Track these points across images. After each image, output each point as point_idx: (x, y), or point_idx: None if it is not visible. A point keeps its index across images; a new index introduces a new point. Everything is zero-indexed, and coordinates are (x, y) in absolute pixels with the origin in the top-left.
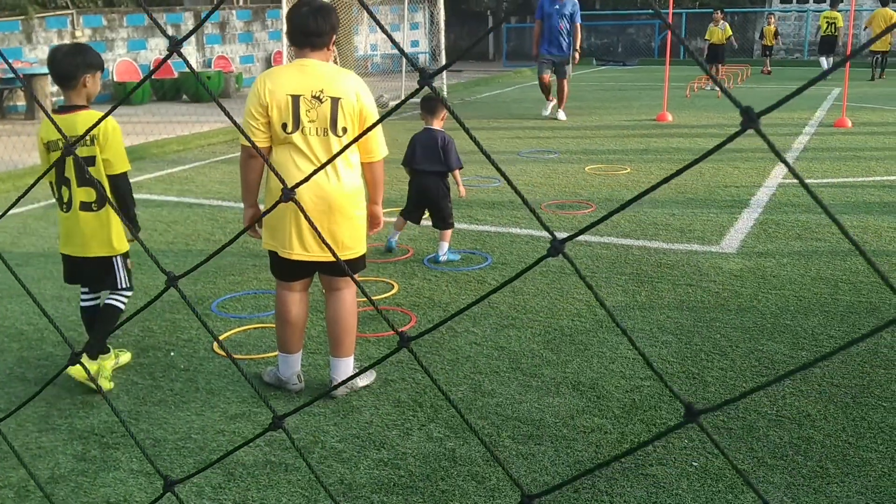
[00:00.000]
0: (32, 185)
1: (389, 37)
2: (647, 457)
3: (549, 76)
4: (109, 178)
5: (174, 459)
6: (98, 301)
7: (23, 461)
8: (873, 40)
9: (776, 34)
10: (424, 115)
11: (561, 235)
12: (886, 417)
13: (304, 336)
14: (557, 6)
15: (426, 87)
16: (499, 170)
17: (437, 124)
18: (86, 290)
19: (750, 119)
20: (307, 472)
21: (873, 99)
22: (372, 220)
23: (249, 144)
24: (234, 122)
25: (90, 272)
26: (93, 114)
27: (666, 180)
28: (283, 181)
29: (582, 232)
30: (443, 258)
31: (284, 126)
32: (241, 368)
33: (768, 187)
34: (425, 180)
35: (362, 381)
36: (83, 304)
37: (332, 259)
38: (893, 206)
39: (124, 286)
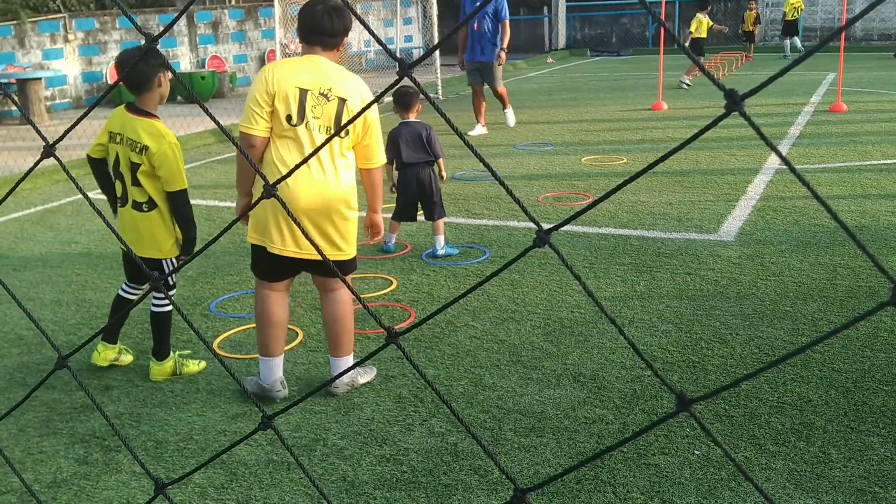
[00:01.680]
0: (25, 176)
1: (370, 30)
2: (648, 446)
3: (481, 87)
4: (167, 193)
5: (176, 460)
6: (134, 297)
7: (16, 470)
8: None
9: (756, 20)
10: (399, 110)
11: (548, 226)
12: (887, 401)
13: (285, 339)
14: (478, 4)
15: (404, 79)
16: (480, 159)
17: (412, 117)
18: (129, 283)
19: (734, 102)
20: (310, 470)
21: (869, 83)
22: (373, 230)
23: (249, 132)
24: (215, 120)
25: (139, 269)
26: (154, 125)
27: (651, 166)
28: (264, 178)
29: (567, 222)
30: (441, 252)
31: (289, 118)
32: (230, 369)
33: (765, 174)
34: (419, 172)
35: (363, 379)
36: (121, 292)
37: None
38: (891, 190)
39: (172, 283)
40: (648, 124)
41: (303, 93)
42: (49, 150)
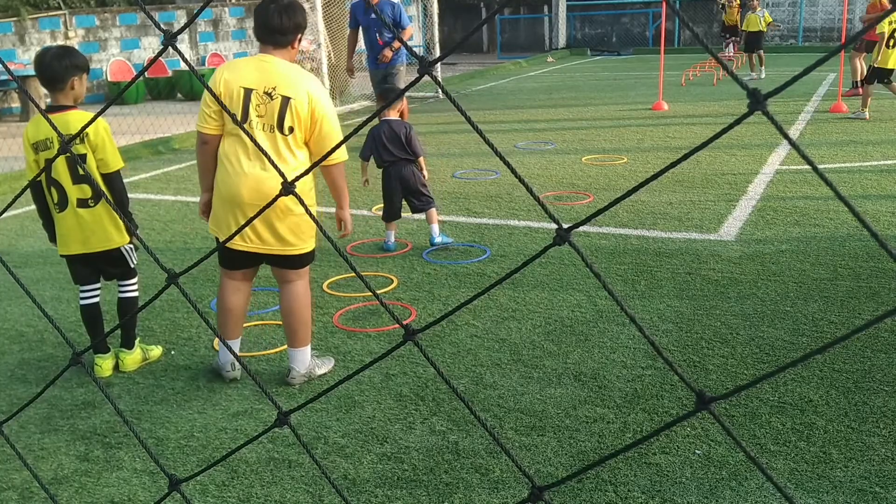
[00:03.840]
0: (28, 185)
1: (391, 29)
2: (650, 445)
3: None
4: (104, 176)
5: (177, 458)
6: (98, 298)
7: (25, 462)
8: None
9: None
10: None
11: (565, 225)
12: (888, 402)
13: (241, 325)
14: (374, 16)
15: (423, 77)
16: (503, 159)
17: (393, 115)
18: (85, 287)
19: (757, 101)
20: (311, 468)
21: None
22: (340, 226)
23: (200, 130)
24: (233, 117)
25: (96, 267)
26: (84, 114)
27: (674, 164)
28: (283, 174)
29: (590, 219)
30: (437, 240)
31: (233, 117)
32: (245, 364)
33: (765, 174)
34: (401, 170)
35: (320, 370)
36: (83, 302)
37: (276, 252)
38: (891, 191)
39: (133, 265)
40: (649, 124)
41: (247, 92)
42: (66, 147)
